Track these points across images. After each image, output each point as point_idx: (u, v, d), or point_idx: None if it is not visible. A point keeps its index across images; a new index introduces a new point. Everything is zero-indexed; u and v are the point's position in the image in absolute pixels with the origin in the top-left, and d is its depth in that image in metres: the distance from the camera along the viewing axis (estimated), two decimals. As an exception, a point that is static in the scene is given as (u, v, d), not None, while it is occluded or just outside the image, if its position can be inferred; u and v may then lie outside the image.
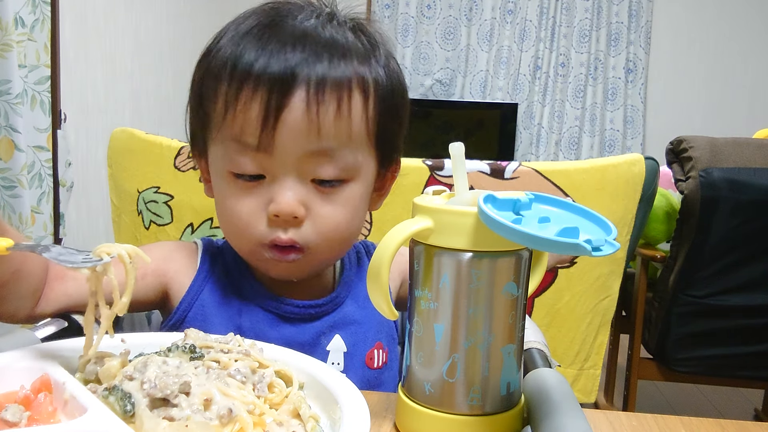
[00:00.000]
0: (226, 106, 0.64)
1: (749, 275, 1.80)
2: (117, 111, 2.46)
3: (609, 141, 4.03)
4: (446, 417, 0.50)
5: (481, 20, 4.08)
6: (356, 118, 0.65)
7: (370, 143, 0.67)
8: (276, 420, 0.46)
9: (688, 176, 1.76)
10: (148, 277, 0.68)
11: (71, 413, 0.44)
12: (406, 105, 0.72)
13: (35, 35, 1.86)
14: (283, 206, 0.63)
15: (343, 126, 0.64)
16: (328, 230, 0.66)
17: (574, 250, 0.44)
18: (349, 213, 0.67)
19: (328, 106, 0.62)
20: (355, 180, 0.67)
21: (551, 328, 1.09)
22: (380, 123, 0.67)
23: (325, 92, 0.62)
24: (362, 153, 0.67)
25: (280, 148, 0.63)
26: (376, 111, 0.67)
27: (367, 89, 0.66)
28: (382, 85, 0.67)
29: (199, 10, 2.97)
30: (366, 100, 0.66)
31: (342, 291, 0.74)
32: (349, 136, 0.64)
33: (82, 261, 0.49)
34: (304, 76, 0.62)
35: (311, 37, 0.64)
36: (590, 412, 0.55)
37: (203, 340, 0.52)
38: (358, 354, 0.72)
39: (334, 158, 0.64)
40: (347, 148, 0.65)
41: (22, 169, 1.78)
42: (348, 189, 0.66)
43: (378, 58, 0.68)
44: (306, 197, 0.64)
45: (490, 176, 1.06)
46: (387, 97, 0.68)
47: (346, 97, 0.64)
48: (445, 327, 0.50)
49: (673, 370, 1.94)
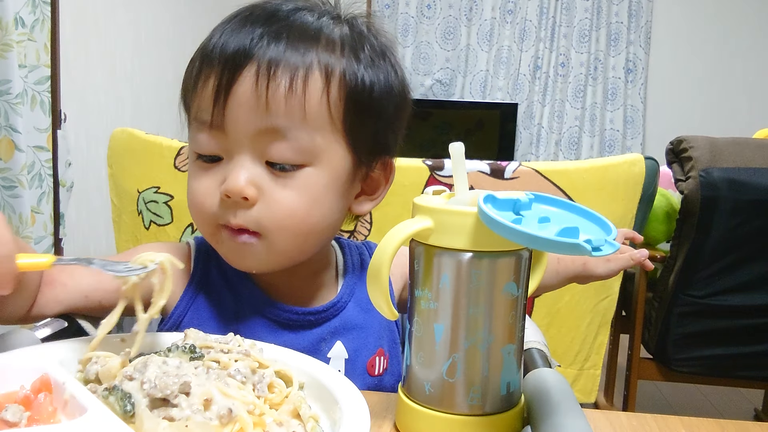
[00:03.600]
0: (192, 87, 0.65)
1: (749, 275, 1.80)
2: (117, 111, 2.45)
3: (609, 141, 4.03)
4: (446, 417, 0.50)
5: (481, 20, 4.08)
6: (313, 98, 0.62)
7: (336, 131, 0.64)
8: (276, 420, 0.46)
9: (688, 176, 1.76)
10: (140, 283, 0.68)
11: (71, 413, 0.44)
12: (394, 108, 0.69)
13: (35, 35, 1.86)
14: (232, 185, 0.61)
15: (296, 103, 0.61)
16: (283, 216, 0.63)
17: (574, 250, 0.44)
18: (306, 200, 0.63)
19: (280, 81, 0.61)
20: (314, 165, 0.64)
21: (551, 328, 1.09)
22: (348, 112, 0.64)
23: (278, 69, 0.61)
24: (323, 137, 0.63)
25: (231, 124, 0.62)
26: (342, 97, 0.64)
27: (330, 75, 0.63)
28: (355, 80, 0.65)
29: (199, 10, 2.97)
30: (328, 83, 0.63)
31: (344, 295, 0.72)
32: (303, 116, 0.62)
33: (126, 270, 0.53)
34: (259, 54, 0.61)
35: (277, 18, 0.64)
36: (590, 412, 0.55)
37: (203, 341, 0.52)
38: (360, 361, 0.70)
39: (287, 138, 0.62)
40: (302, 129, 0.62)
41: (22, 169, 1.78)
42: (306, 174, 0.63)
43: (360, 55, 0.66)
44: (259, 178, 0.62)
45: (490, 176, 1.06)
46: (361, 92, 0.65)
47: (302, 76, 0.62)
48: (445, 327, 0.50)
49: (673, 370, 1.94)
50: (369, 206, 0.73)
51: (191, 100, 0.66)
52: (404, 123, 0.73)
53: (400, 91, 0.70)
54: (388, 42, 0.71)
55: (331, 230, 0.69)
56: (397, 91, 0.70)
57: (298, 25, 0.64)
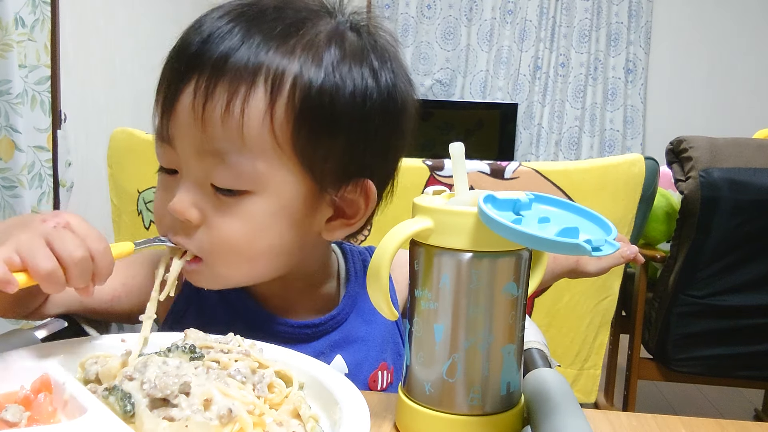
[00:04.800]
0: (156, 90, 0.61)
1: (749, 275, 1.80)
2: (117, 111, 2.46)
3: (609, 141, 4.03)
4: (446, 417, 0.50)
5: (481, 20, 4.08)
6: (253, 121, 0.56)
7: (283, 155, 0.57)
8: (276, 420, 0.46)
9: (688, 176, 1.76)
10: (134, 294, 0.67)
11: (71, 413, 0.44)
12: (377, 119, 0.60)
13: (35, 35, 1.86)
14: (176, 206, 0.58)
15: (233, 126, 0.55)
16: (221, 244, 0.58)
17: (574, 250, 0.44)
18: (248, 229, 0.58)
19: (217, 102, 0.55)
20: (259, 194, 0.58)
21: (551, 328, 1.09)
22: (300, 132, 0.57)
23: (217, 84, 0.55)
24: (267, 164, 0.57)
25: (176, 141, 0.58)
26: (290, 116, 0.56)
27: (277, 89, 0.56)
28: (308, 85, 0.56)
29: (199, 10, 2.97)
30: (272, 102, 0.56)
31: (346, 306, 0.68)
32: (242, 141, 0.56)
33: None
34: (205, 57, 0.56)
35: (245, 14, 0.58)
36: (590, 412, 0.55)
37: (203, 341, 0.52)
38: (362, 375, 0.67)
39: (227, 163, 0.56)
40: (241, 154, 0.56)
41: (22, 169, 1.78)
42: (249, 202, 0.58)
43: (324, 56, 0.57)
44: (202, 202, 0.58)
45: (490, 176, 1.06)
46: (318, 106, 0.57)
47: (242, 94, 0.55)
48: (445, 327, 0.50)
49: (673, 370, 1.94)
50: (342, 233, 0.64)
51: None
52: (400, 135, 0.64)
53: (386, 97, 0.61)
54: (386, 40, 0.63)
55: (293, 255, 0.62)
56: (382, 97, 0.60)
57: (270, 19, 0.58)
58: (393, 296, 0.71)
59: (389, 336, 0.71)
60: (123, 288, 0.67)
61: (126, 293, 0.67)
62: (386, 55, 0.63)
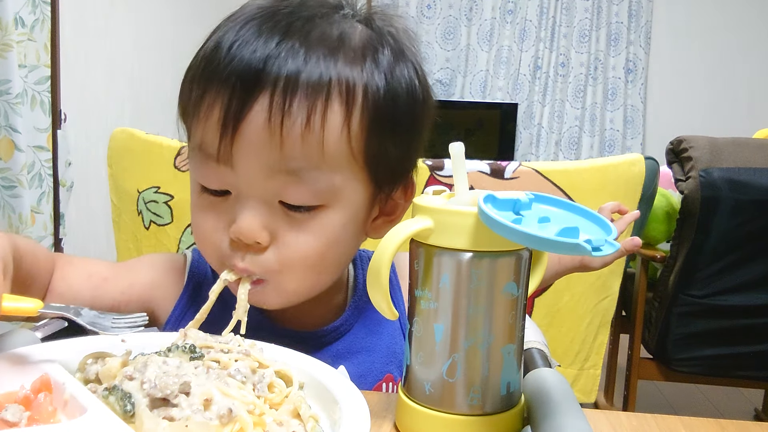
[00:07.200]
0: (193, 111, 0.57)
1: (749, 275, 1.80)
2: (117, 111, 2.46)
3: (609, 141, 4.03)
4: (446, 417, 0.50)
5: (481, 20, 4.08)
6: (332, 135, 0.55)
7: (356, 165, 0.57)
8: (276, 420, 0.46)
9: (688, 176, 1.76)
10: (132, 303, 0.66)
11: (71, 413, 0.44)
12: (421, 117, 0.62)
13: (35, 35, 1.86)
14: (244, 230, 0.56)
15: (314, 143, 0.54)
16: (294, 261, 0.57)
17: (574, 250, 0.44)
18: (322, 243, 0.58)
19: (296, 118, 0.53)
20: (332, 207, 0.57)
21: (551, 328, 1.09)
22: (371, 140, 0.57)
23: (294, 99, 0.53)
24: (342, 176, 0.57)
25: (240, 162, 0.55)
26: (364, 126, 0.56)
27: (351, 98, 0.55)
28: (377, 92, 0.57)
29: (199, 10, 2.97)
30: (349, 113, 0.55)
31: (351, 316, 0.67)
32: (321, 157, 0.55)
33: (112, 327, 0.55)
34: (272, 74, 0.53)
35: (295, 27, 0.55)
36: (590, 412, 0.55)
37: (203, 340, 0.52)
38: (365, 387, 0.62)
39: (303, 180, 0.55)
40: (319, 171, 0.55)
41: (22, 169, 1.78)
42: (323, 216, 0.57)
43: (378, 58, 0.58)
44: (272, 222, 0.56)
45: (490, 176, 1.06)
46: (383, 107, 0.57)
47: (321, 108, 0.54)
48: (445, 327, 0.50)
49: (673, 370, 1.94)
50: (386, 230, 0.66)
51: (193, 125, 0.58)
52: (427, 131, 0.65)
53: (424, 94, 0.62)
54: (408, 35, 0.63)
55: (347, 263, 0.64)
56: (422, 95, 0.61)
57: (317, 32, 0.56)
58: (401, 298, 0.70)
59: (395, 348, 0.69)
60: (122, 297, 0.66)
61: (125, 302, 0.66)
62: (414, 50, 0.64)
